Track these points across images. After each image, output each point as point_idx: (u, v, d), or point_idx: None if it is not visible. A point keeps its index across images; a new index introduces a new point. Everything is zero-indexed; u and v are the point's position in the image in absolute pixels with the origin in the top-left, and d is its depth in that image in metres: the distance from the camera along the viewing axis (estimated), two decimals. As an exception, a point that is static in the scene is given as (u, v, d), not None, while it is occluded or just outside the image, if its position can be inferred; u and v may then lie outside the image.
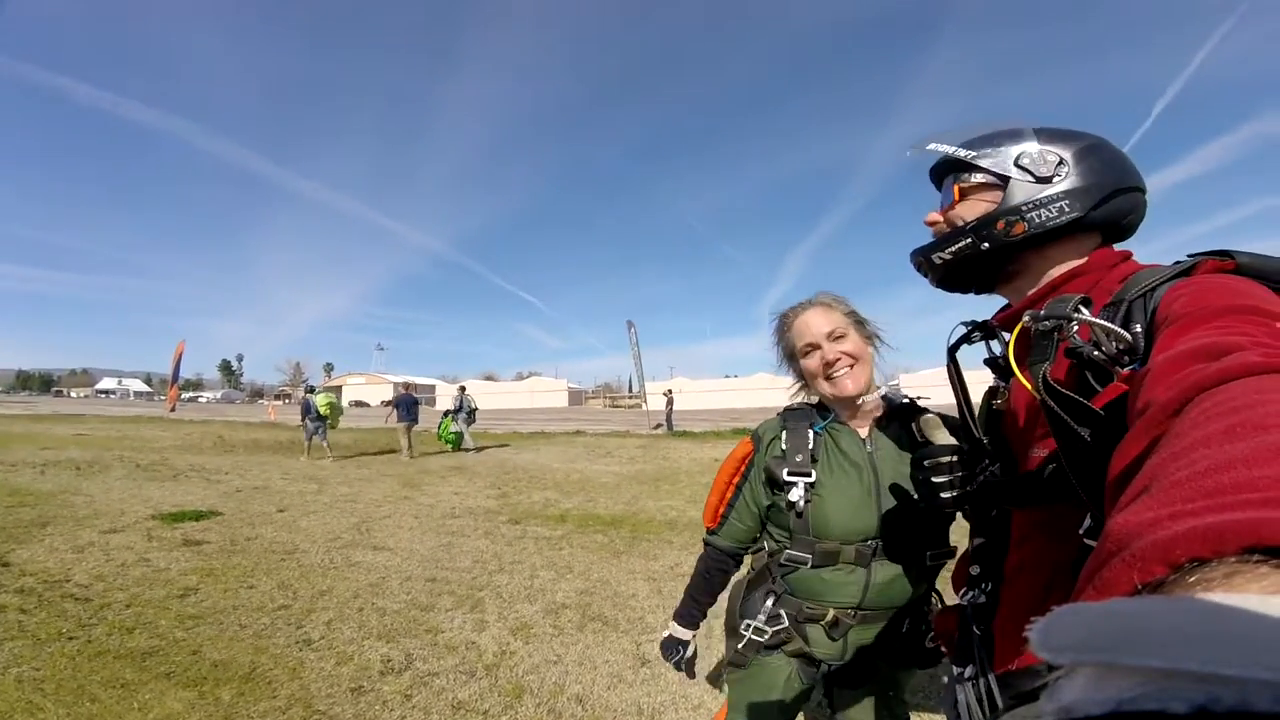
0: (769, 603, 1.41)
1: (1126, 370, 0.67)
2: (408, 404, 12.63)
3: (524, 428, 21.77)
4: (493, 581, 4.26)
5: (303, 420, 12.29)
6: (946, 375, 1.07)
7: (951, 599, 1.57)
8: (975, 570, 0.98)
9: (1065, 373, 0.76)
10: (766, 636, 1.40)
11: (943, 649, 1.14)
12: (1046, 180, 0.90)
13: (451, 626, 3.44)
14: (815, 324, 1.38)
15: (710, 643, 2.89)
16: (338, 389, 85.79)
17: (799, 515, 1.35)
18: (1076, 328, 0.74)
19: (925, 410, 1.41)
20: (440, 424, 13.83)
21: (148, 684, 2.56)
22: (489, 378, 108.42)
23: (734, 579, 1.58)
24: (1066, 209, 0.89)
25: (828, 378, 1.36)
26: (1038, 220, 0.90)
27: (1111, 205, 0.90)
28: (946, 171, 1.02)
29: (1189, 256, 0.78)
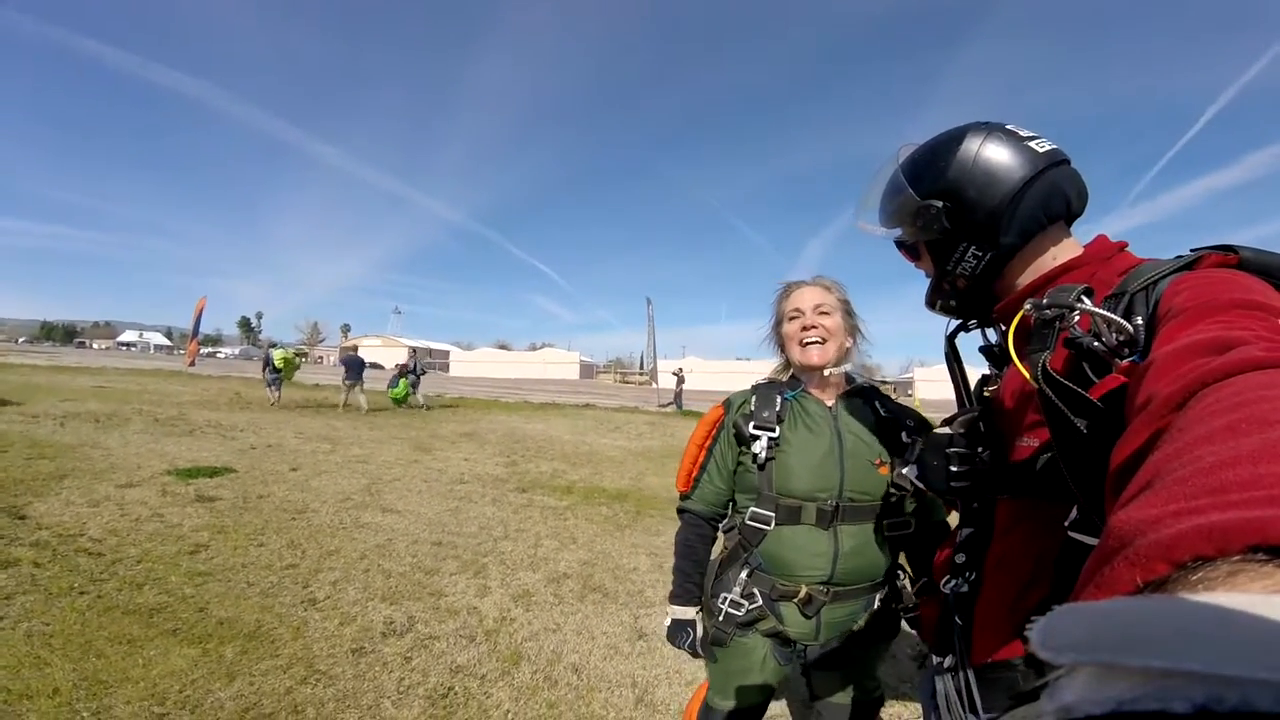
0: (743, 574, 1.44)
1: (1126, 362, 0.67)
2: (356, 365, 14.04)
3: (535, 398, 21.93)
4: (497, 548, 4.32)
5: (263, 371, 14.15)
6: (945, 363, 1.10)
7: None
8: (960, 559, 0.97)
9: (1063, 363, 0.75)
10: (742, 611, 1.42)
11: (921, 639, 1.14)
12: (944, 233, 0.92)
13: (454, 591, 3.50)
14: (808, 296, 1.51)
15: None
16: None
17: (761, 469, 1.43)
18: (1078, 317, 0.73)
19: (884, 394, 1.57)
20: (395, 383, 14.85)
21: (153, 640, 2.62)
22: (503, 346, 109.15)
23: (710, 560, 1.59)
24: (979, 253, 0.91)
25: (801, 344, 1.48)
26: (966, 271, 0.94)
27: (1022, 212, 0.88)
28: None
29: (1192, 250, 0.77)
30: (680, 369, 24.17)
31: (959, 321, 1.05)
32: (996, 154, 0.89)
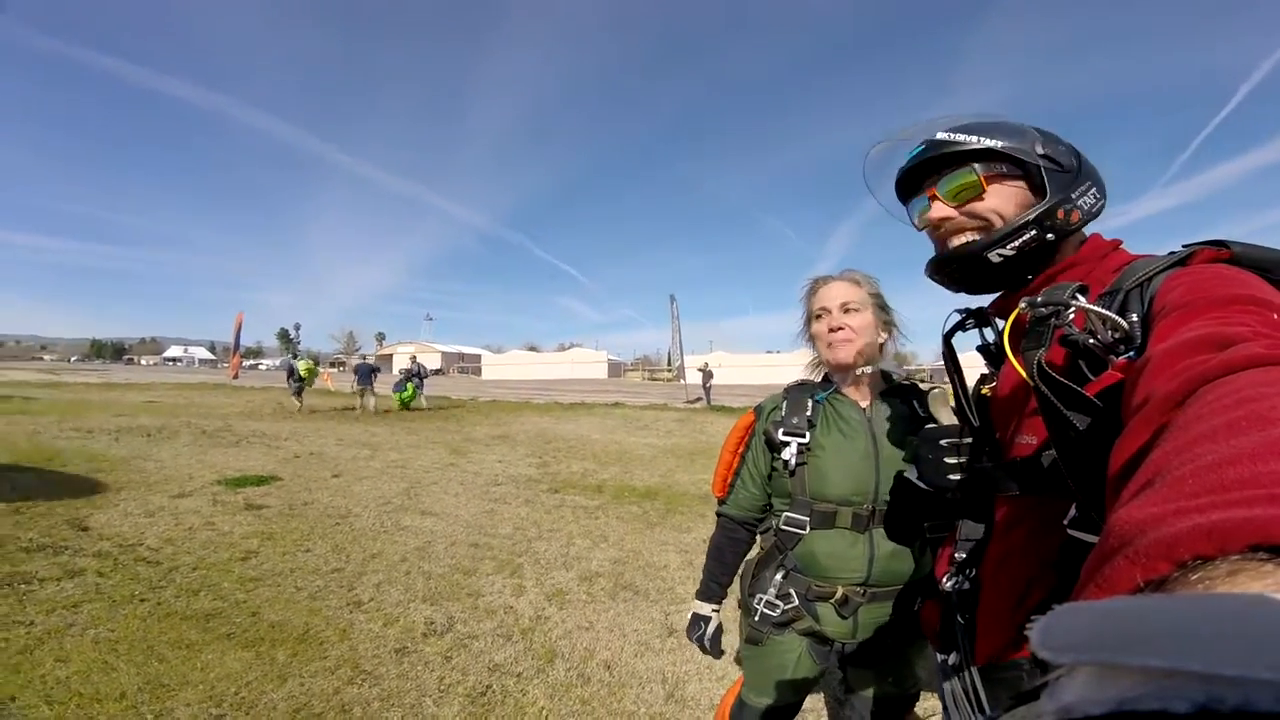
0: (779, 576, 1.44)
1: (1122, 359, 0.67)
2: (365, 371, 15.53)
3: (564, 398, 22.11)
4: (531, 548, 4.41)
5: (288, 380, 15.53)
6: (942, 361, 1.09)
7: None
8: (961, 556, 0.97)
9: (1059, 361, 0.75)
10: (778, 612, 1.42)
11: (925, 636, 1.14)
12: (1071, 170, 0.88)
13: (491, 591, 3.60)
14: (835, 293, 1.46)
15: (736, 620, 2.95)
16: (388, 357, 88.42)
17: (792, 474, 1.42)
18: (1073, 314, 0.73)
19: (924, 391, 1.45)
20: (406, 387, 16.02)
21: (210, 644, 2.76)
22: (532, 348, 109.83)
23: (745, 560, 1.61)
24: (1097, 195, 0.89)
25: (829, 344, 1.44)
26: (1087, 207, 0.88)
27: (1106, 194, 0.91)
28: (949, 164, 0.93)
29: (1184, 246, 0.77)
30: (706, 364, 24.07)
31: (955, 321, 1.03)
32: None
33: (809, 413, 1.45)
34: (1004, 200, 0.89)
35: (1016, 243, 0.87)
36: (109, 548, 4.00)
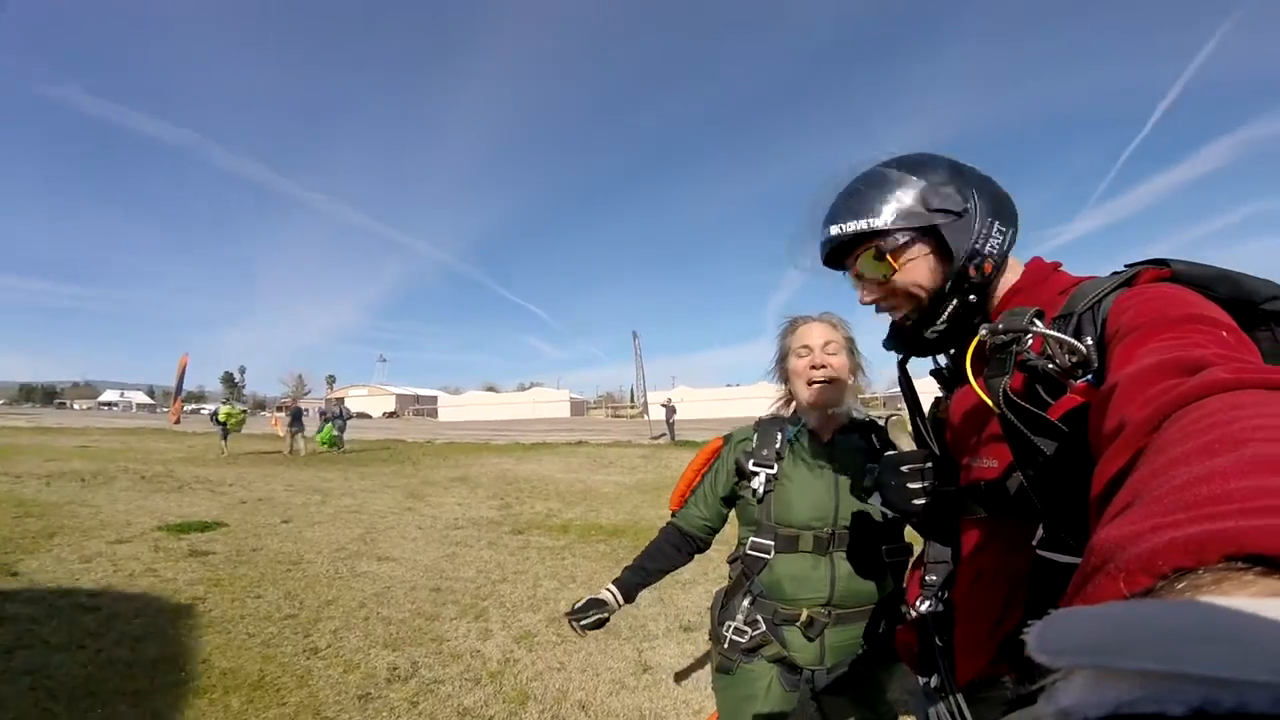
0: (745, 603, 1.48)
1: (1081, 383, 0.69)
2: (295, 413, 15.88)
3: (526, 438, 21.77)
4: (496, 591, 4.30)
5: (212, 424, 15.93)
6: (892, 387, 1.10)
7: None
8: (931, 579, 0.98)
9: (1018, 385, 0.75)
10: (746, 638, 1.46)
11: (902, 661, 1.12)
12: (964, 213, 0.87)
13: (456, 635, 3.48)
14: (817, 332, 1.52)
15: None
16: (340, 400, 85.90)
17: (760, 502, 1.49)
18: (1031, 340, 0.74)
19: (881, 426, 1.51)
20: (322, 429, 16.33)
21: (159, 692, 2.60)
22: (490, 388, 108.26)
23: (715, 591, 1.64)
24: (1003, 228, 0.88)
25: (808, 382, 1.49)
26: (996, 249, 0.87)
27: (1014, 211, 0.90)
28: (855, 246, 0.94)
29: (1127, 266, 0.79)
30: (669, 400, 24.13)
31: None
32: (978, 171, 0.91)
33: (778, 446, 1.52)
34: (918, 273, 0.90)
35: (944, 316, 0.90)
36: (42, 593, 3.76)
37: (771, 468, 1.49)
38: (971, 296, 0.89)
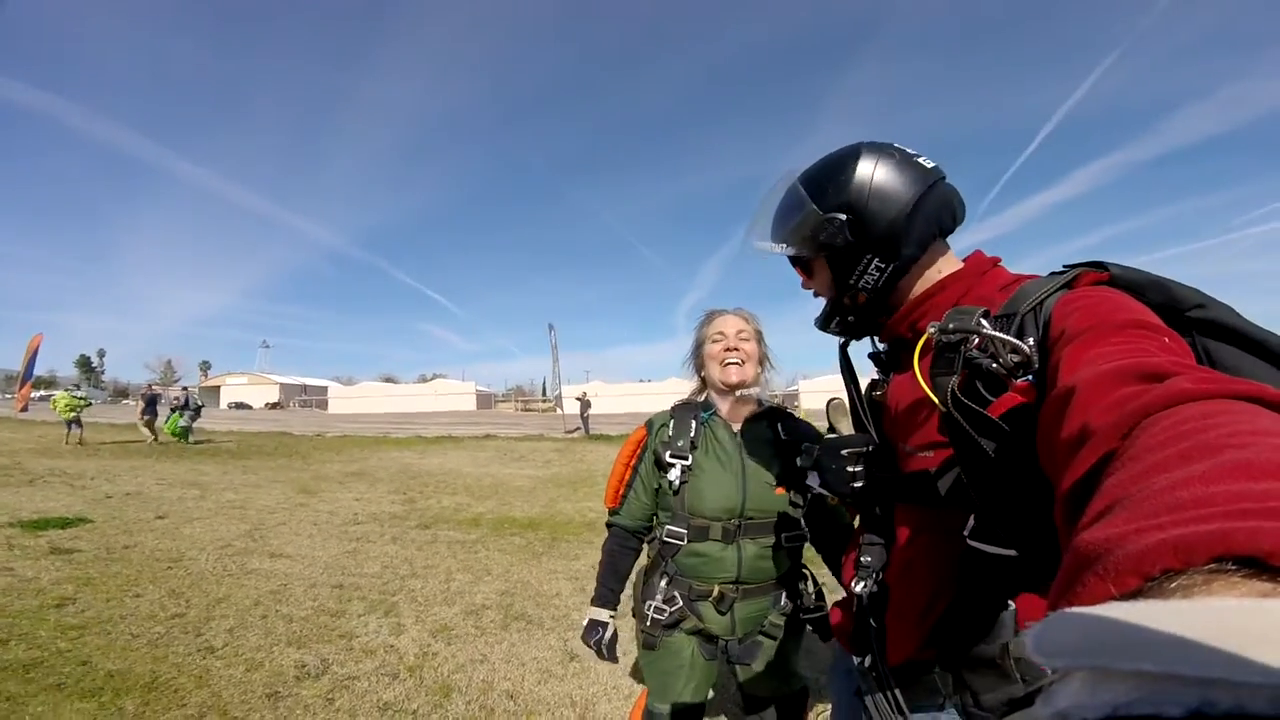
0: (663, 583, 1.59)
1: (1022, 382, 0.71)
2: (150, 399, 15.55)
3: (428, 432, 20.96)
4: (406, 586, 4.16)
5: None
6: (840, 373, 1.16)
7: (823, 577, 1.77)
8: (866, 560, 1.00)
9: (960, 382, 0.76)
10: (666, 615, 1.56)
11: (832, 639, 1.16)
12: (847, 246, 0.93)
13: (366, 631, 3.35)
14: (732, 324, 1.67)
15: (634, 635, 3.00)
16: (215, 389, 78.77)
17: (676, 493, 1.59)
18: (977, 340, 0.74)
19: (787, 413, 1.71)
20: (169, 418, 15.43)
21: (36, 696, 2.35)
22: (388, 379, 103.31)
23: (635, 567, 1.74)
24: (880, 264, 0.92)
25: (723, 364, 1.63)
26: (868, 285, 0.94)
27: (918, 225, 0.91)
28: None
29: (1066, 267, 0.82)
30: (585, 393, 24.02)
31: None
32: (893, 169, 0.92)
33: (692, 434, 1.62)
34: (819, 283, 1.04)
35: (836, 322, 1.04)
36: None
37: (686, 459, 1.58)
38: (851, 316, 1.01)
